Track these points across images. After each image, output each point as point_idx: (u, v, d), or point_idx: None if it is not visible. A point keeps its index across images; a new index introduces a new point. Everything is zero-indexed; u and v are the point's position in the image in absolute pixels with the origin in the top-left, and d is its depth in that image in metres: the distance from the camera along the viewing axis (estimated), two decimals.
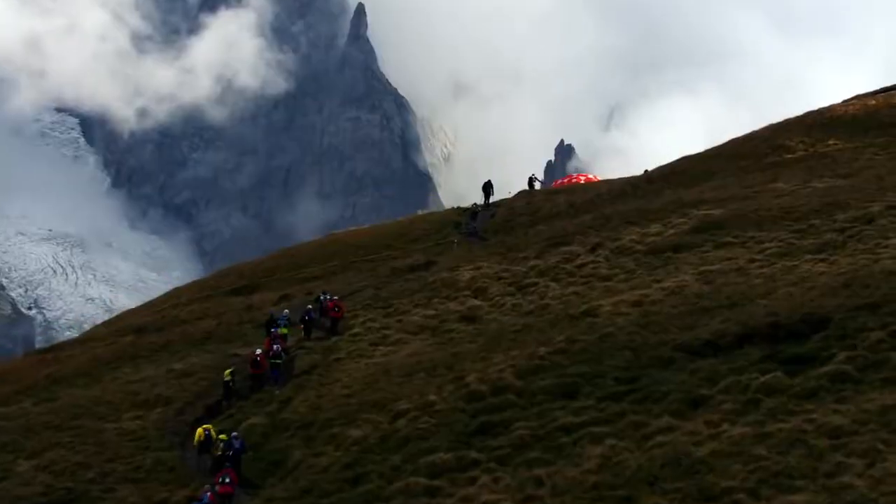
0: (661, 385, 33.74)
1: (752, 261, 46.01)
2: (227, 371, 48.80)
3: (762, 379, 31.50)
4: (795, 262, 43.40)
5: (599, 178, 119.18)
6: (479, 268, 60.86)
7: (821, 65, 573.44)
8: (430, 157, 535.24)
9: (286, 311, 57.25)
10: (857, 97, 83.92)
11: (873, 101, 77.12)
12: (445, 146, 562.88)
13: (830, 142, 71.31)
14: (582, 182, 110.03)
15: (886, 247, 42.52)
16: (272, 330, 54.42)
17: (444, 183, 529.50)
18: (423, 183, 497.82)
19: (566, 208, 79.87)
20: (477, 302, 52.34)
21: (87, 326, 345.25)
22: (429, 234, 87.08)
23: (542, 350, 39.58)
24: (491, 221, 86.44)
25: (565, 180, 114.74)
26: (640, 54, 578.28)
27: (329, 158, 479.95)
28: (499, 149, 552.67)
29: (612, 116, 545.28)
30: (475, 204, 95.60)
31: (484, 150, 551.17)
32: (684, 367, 34.70)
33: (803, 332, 34.14)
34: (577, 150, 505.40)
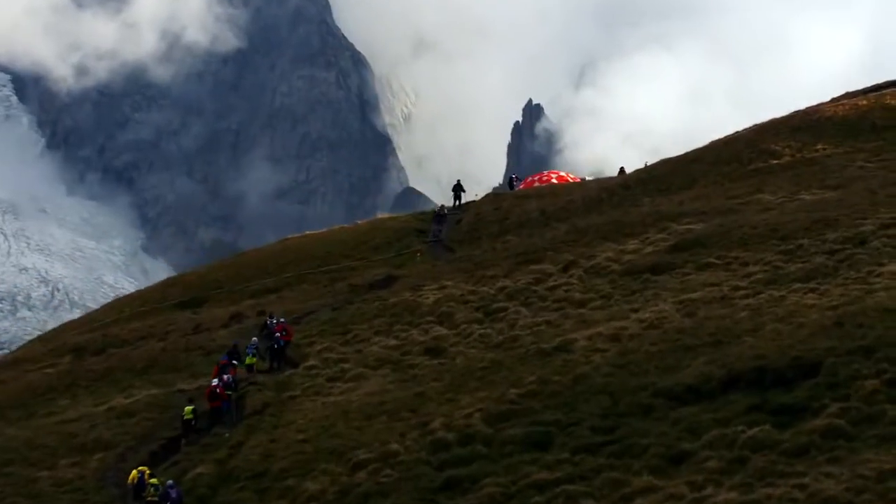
0: (640, 437, 33.49)
1: (737, 288, 45.87)
2: (188, 409, 48.03)
3: (749, 433, 31.28)
4: (783, 293, 43.27)
5: (572, 174, 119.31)
6: (443, 287, 60.56)
7: (805, 19, 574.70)
8: (390, 117, 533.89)
9: (254, 338, 56.66)
10: (847, 95, 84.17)
11: (864, 102, 77.29)
12: (406, 106, 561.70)
13: (819, 146, 71.41)
14: (554, 181, 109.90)
15: (880, 275, 42.45)
16: (222, 359, 53.90)
17: (404, 145, 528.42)
18: (381, 145, 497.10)
19: (537, 216, 79.67)
20: (442, 330, 51.98)
21: (20, 298, 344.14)
22: (390, 243, 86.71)
23: (513, 392, 39.30)
24: (456, 228, 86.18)
25: (536, 178, 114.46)
26: (613, 6, 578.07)
27: (281, 119, 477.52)
28: (462, 109, 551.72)
29: (583, 74, 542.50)
30: (442, 206, 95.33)
31: (446, 111, 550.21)
32: (665, 416, 34.49)
33: (792, 377, 34.00)
34: (547, 110, 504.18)
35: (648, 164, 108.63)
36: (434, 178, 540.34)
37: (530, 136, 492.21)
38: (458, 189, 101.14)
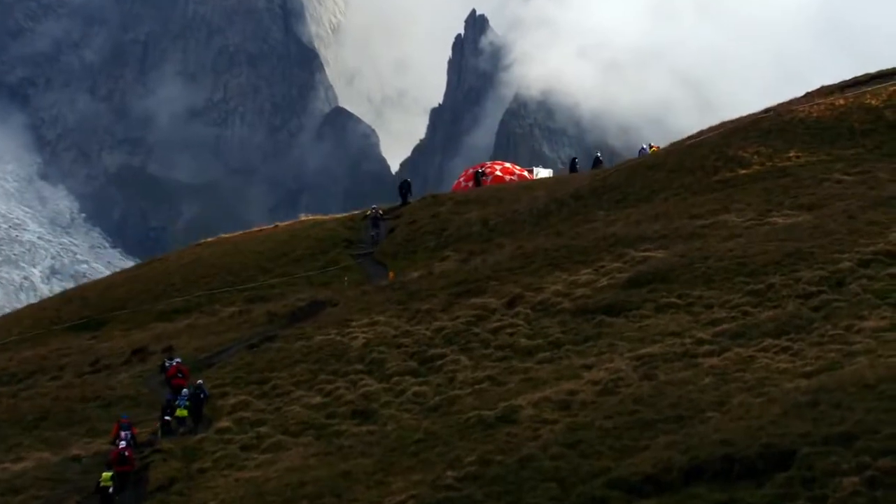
0: None
1: (701, 342, 45.59)
2: (106, 475, 47.04)
3: None
4: (751, 351, 43.08)
5: (517, 165, 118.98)
6: (374, 324, 60.02)
7: None
8: (317, 28, 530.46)
9: (186, 389, 55.68)
10: (822, 90, 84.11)
11: (841, 101, 77.32)
12: (335, 15, 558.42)
13: (791, 153, 71.44)
14: (498, 173, 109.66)
15: (859, 331, 42.33)
16: (123, 417, 53.02)
17: (332, 59, 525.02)
18: (307, 60, 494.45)
19: (479, 228, 79.47)
20: (371, 385, 51.36)
21: None
22: (314, 255, 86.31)
23: (450, 475, 38.74)
24: (390, 238, 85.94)
25: (478, 168, 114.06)
26: None
27: (194, 30, 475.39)
28: (398, 20, 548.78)
29: None
30: (376, 208, 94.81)
31: (380, 21, 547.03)
32: None
33: (762, 469, 33.75)
34: (492, 21, 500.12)
35: (600, 156, 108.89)
36: (366, 97, 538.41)
37: (474, 50, 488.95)
38: (405, 188, 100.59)
